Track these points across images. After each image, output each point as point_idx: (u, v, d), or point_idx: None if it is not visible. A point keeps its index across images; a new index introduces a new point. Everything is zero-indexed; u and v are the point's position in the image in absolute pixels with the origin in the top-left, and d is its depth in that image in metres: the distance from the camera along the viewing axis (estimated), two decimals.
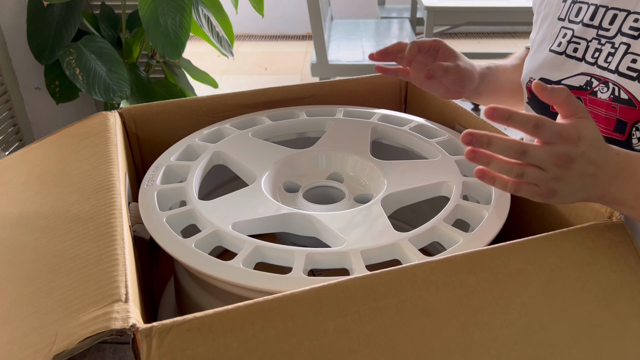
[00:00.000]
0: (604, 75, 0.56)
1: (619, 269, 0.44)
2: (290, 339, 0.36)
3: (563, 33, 0.62)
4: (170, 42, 1.22)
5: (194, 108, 0.75)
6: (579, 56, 0.59)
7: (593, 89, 0.56)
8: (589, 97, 0.57)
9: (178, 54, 1.25)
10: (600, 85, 0.55)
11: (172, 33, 1.22)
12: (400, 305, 0.39)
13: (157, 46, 1.23)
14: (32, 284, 0.43)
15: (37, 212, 0.53)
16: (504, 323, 0.40)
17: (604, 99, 0.55)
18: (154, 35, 1.22)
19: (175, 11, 1.22)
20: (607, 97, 0.55)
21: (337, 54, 2.41)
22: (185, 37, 1.24)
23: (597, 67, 0.57)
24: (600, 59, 0.56)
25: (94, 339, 0.35)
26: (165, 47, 1.22)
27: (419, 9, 2.79)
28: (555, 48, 0.62)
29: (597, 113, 0.56)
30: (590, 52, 0.58)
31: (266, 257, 0.50)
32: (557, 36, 0.63)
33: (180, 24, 1.22)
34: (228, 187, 0.74)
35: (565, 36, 0.61)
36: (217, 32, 1.38)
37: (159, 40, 1.22)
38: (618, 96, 0.54)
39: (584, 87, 0.58)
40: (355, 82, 0.82)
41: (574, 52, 0.60)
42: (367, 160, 0.65)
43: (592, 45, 0.58)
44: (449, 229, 0.52)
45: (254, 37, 4.07)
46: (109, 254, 0.43)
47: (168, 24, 1.21)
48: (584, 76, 0.58)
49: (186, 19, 1.23)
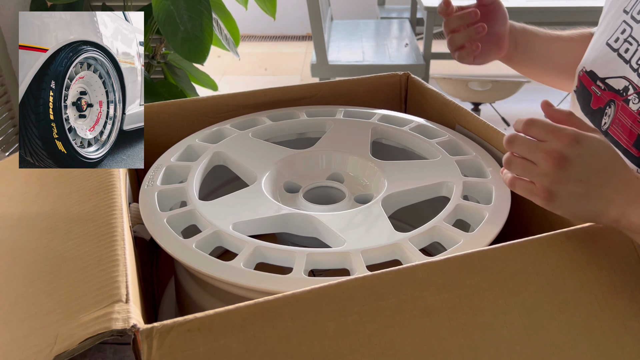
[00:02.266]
0: (638, 85, 0.53)
1: (619, 269, 0.44)
2: (291, 340, 0.36)
3: (622, 28, 0.57)
4: (194, 46, 1.22)
5: (194, 108, 0.75)
6: (627, 58, 0.55)
7: (627, 97, 0.53)
8: (622, 104, 0.54)
9: (203, 58, 1.25)
10: (633, 95, 0.53)
11: (194, 37, 1.21)
12: (401, 305, 0.39)
13: (180, 51, 1.23)
14: (32, 285, 0.43)
15: (38, 212, 0.53)
16: (504, 323, 0.40)
17: (632, 110, 0.52)
18: (173, 40, 1.21)
19: (194, 16, 1.21)
20: (637, 109, 0.52)
21: (337, 54, 2.42)
22: (209, 41, 1.24)
23: (637, 75, 0.53)
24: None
25: (94, 339, 0.35)
26: (190, 52, 1.22)
27: (419, 9, 2.79)
28: (612, 43, 0.58)
29: (624, 123, 0.54)
30: (637, 57, 0.54)
31: (267, 258, 0.50)
32: (617, 30, 0.58)
33: (202, 28, 1.22)
34: (228, 187, 0.74)
35: (624, 32, 0.56)
36: (226, 34, 1.38)
37: (182, 45, 1.22)
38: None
39: (621, 92, 0.55)
40: (355, 82, 0.82)
41: (624, 53, 0.56)
42: (368, 160, 0.65)
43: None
44: (449, 229, 0.52)
45: (254, 37, 4.07)
46: (109, 254, 0.43)
47: (189, 29, 1.21)
48: (624, 80, 0.55)
49: (206, 23, 1.23)
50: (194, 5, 1.22)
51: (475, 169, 0.63)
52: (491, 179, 0.59)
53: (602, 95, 0.57)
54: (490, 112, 2.50)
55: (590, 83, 0.59)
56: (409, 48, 2.55)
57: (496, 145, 0.65)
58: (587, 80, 0.59)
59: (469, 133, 0.70)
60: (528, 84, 2.31)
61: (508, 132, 0.61)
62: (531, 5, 2.27)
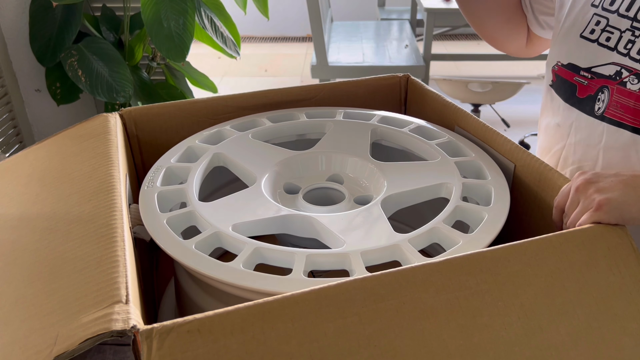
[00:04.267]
0: (636, 67, 0.56)
1: (618, 271, 0.44)
2: (291, 341, 0.37)
3: (596, 20, 0.60)
4: (174, 45, 1.23)
5: (194, 110, 0.75)
6: (611, 45, 0.58)
7: (622, 79, 0.56)
8: (617, 87, 0.57)
9: (182, 56, 1.25)
10: (630, 77, 0.56)
11: (175, 36, 1.22)
12: (400, 307, 0.39)
13: (161, 49, 1.23)
14: (32, 286, 0.43)
15: (38, 213, 0.53)
16: (503, 325, 0.40)
17: (633, 90, 0.55)
18: (157, 38, 1.22)
19: (178, 14, 1.22)
20: (638, 88, 0.55)
21: (337, 55, 2.42)
22: (189, 40, 1.24)
23: (629, 58, 0.56)
24: (633, 51, 0.56)
25: (94, 340, 0.35)
26: (170, 50, 1.23)
27: (419, 11, 2.80)
28: (587, 35, 0.61)
29: (626, 104, 0.57)
30: (623, 43, 0.57)
31: (266, 259, 0.50)
32: (589, 23, 0.61)
33: (184, 26, 1.22)
34: (228, 188, 0.74)
35: (599, 24, 0.60)
36: (222, 32, 1.38)
37: (163, 43, 1.22)
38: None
39: (612, 77, 0.58)
40: (355, 83, 0.82)
41: (606, 41, 0.59)
42: (367, 161, 0.65)
43: (625, 36, 0.57)
44: (448, 230, 0.52)
45: (254, 38, 4.07)
46: (109, 255, 0.44)
47: (172, 27, 1.21)
48: (614, 66, 0.58)
49: (189, 21, 1.23)
50: (179, 4, 1.22)
51: (475, 170, 0.63)
52: (490, 181, 0.59)
53: (590, 83, 0.60)
54: (490, 113, 2.51)
55: (572, 75, 0.62)
56: (408, 49, 2.56)
57: (495, 146, 0.65)
58: (567, 73, 0.63)
59: (468, 134, 0.70)
60: (528, 86, 2.31)
61: (504, 132, 0.63)
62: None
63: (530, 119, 2.73)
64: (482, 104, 2.24)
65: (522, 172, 0.60)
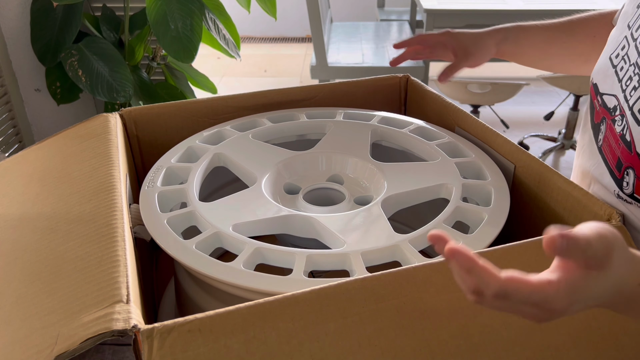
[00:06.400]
0: (624, 107, 0.51)
1: None
2: (291, 341, 0.37)
3: (623, 44, 0.54)
4: (182, 46, 1.23)
5: (194, 110, 0.75)
6: (620, 77, 0.53)
7: (614, 117, 0.51)
8: (609, 123, 0.52)
9: (191, 58, 1.25)
10: (618, 117, 0.51)
11: (183, 37, 1.22)
12: (401, 307, 0.39)
13: (168, 50, 1.23)
14: (33, 285, 0.43)
15: (38, 213, 0.53)
16: (504, 325, 0.40)
17: (617, 131, 0.51)
18: (164, 39, 1.22)
19: (185, 15, 1.22)
20: (619, 131, 0.51)
21: (337, 56, 2.42)
22: (198, 41, 1.24)
23: (623, 96, 0.51)
24: (628, 90, 0.51)
25: (95, 339, 0.35)
26: (178, 52, 1.23)
27: (418, 12, 2.80)
28: (613, 58, 0.55)
29: (610, 142, 0.52)
30: (626, 78, 0.52)
31: (267, 259, 0.50)
32: (619, 45, 0.55)
33: (192, 27, 1.22)
34: (228, 188, 0.74)
35: (624, 49, 0.53)
36: (224, 34, 1.38)
37: (170, 44, 1.22)
38: (624, 135, 0.50)
39: (610, 111, 0.53)
40: (355, 84, 0.83)
41: (620, 71, 0.53)
42: (367, 162, 0.65)
43: (629, 71, 0.51)
44: (448, 230, 0.52)
45: (254, 39, 4.07)
46: (110, 255, 0.44)
47: (179, 28, 1.21)
48: (614, 99, 0.53)
49: (196, 22, 1.23)
50: (186, 5, 1.22)
51: (475, 171, 0.63)
52: (490, 181, 0.59)
53: (599, 110, 0.56)
54: (489, 114, 2.51)
55: (594, 96, 0.57)
56: None
57: (495, 147, 0.65)
58: (592, 92, 0.58)
59: (468, 135, 0.70)
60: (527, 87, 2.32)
61: (504, 133, 0.61)
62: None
63: (530, 120, 2.73)
64: (482, 105, 2.24)
65: (522, 173, 0.60)
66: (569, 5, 2.28)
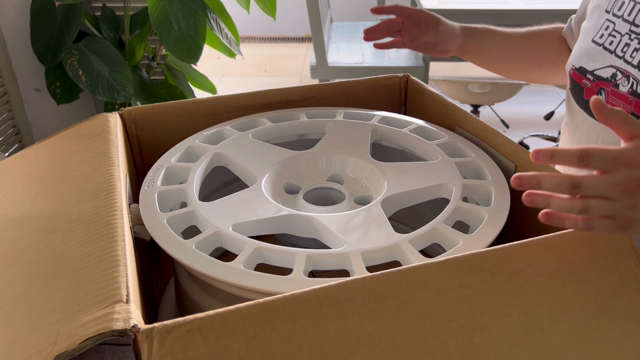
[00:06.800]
0: (627, 69, 0.58)
1: (617, 271, 0.44)
2: (291, 340, 0.37)
3: (606, 25, 0.63)
4: (186, 46, 1.22)
5: (194, 110, 0.75)
6: (612, 49, 0.61)
7: (616, 82, 0.59)
8: (612, 89, 0.59)
9: (195, 58, 1.25)
10: (622, 79, 0.58)
11: (187, 37, 1.22)
12: (401, 306, 0.39)
13: (172, 51, 1.23)
14: (33, 285, 0.43)
15: (38, 213, 0.53)
16: (504, 325, 0.40)
17: (623, 92, 0.57)
18: (167, 39, 1.22)
19: (189, 15, 1.22)
20: (627, 90, 0.57)
21: (337, 55, 2.42)
22: (202, 41, 1.24)
23: (624, 61, 0.59)
24: (627, 54, 0.59)
25: (95, 339, 0.35)
26: (182, 52, 1.22)
27: None
28: (597, 39, 0.64)
29: (616, 104, 0.59)
30: (621, 46, 0.60)
31: (267, 259, 0.50)
32: (601, 28, 0.64)
33: (195, 27, 1.22)
34: (228, 188, 0.74)
35: (607, 29, 0.63)
36: (226, 33, 1.38)
37: (175, 44, 1.22)
38: (635, 90, 0.56)
39: (609, 79, 0.60)
40: (355, 83, 0.83)
41: (609, 45, 0.62)
42: (367, 162, 0.65)
43: (623, 40, 0.60)
44: (449, 230, 0.52)
45: (254, 39, 4.07)
46: (110, 255, 0.44)
47: (182, 28, 1.21)
48: (611, 68, 0.60)
49: (200, 22, 1.23)
50: (189, 5, 1.22)
51: (475, 170, 0.63)
52: (490, 181, 0.59)
53: (592, 85, 0.63)
54: (489, 114, 2.51)
55: (581, 77, 0.65)
56: (408, 50, 2.56)
57: (496, 147, 0.65)
58: (578, 76, 0.65)
59: (468, 135, 0.70)
60: (527, 87, 2.32)
61: (504, 133, 0.63)
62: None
63: (530, 120, 2.73)
64: (482, 105, 2.24)
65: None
66: (568, 5, 2.28)
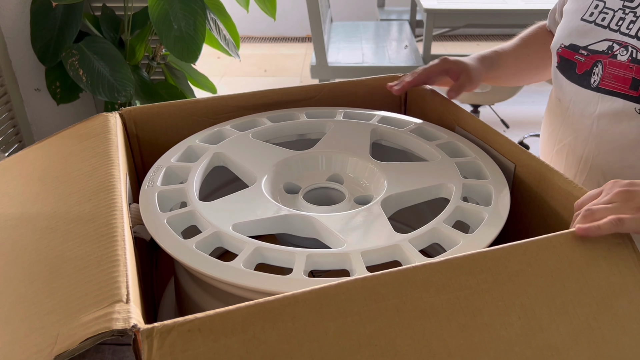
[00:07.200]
0: (625, 40, 0.63)
1: (618, 271, 0.44)
2: (291, 340, 0.37)
3: (595, 4, 0.68)
4: (186, 46, 1.22)
5: (194, 109, 0.75)
6: (605, 24, 0.66)
7: (614, 53, 0.64)
8: (609, 60, 0.64)
9: (195, 57, 1.25)
10: (620, 49, 0.63)
11: (187, 37, 1.22)
12: (401, 306, 0.39)
13: (172, 50, 1.23)
14: (33, 285, 0.43)
15: (38, 213, 0.53)
16: (504, 325, 0.40)
17: (622, 61, 0.63)
18: (167, 39, 1.22)
19: (188, 15, 1.22)
20: (626, 59, 0.62)
21: (337, 55, 2.42)
22: (202, 41, 1.24)
23: (620, 33, 0.64)
24: (623, 27, 0.64)
25: (95, 339, 0.35)
26: (182, 51, 1.22)
27: (419, 11, 2.80)
28: (587, 17, 0.69)
29: (616, 74, 0.63)
30: (615, 21, 0.65)
31: (267, 258, 0.50)
32: (589, 7, 0.69)
33: (195, 27, 1.22)
34: (228, 188, 0.74)
35: (597, 7, 0.68)
36: (224, 34, 1.38)
37: (174, 44, 1.22)
38: (635, 57, 0.61)
39: (605, 52, 0.65)
40: (355, 83, 0.83)
41: (601, 21, 0.67)
42: (367, 161, 0.65)
43: (617, 15, 0.65)
44: (449, 230, 0.52)
45: (254, 39, 4.07)
46: (109, 254, 0.44)
47: (182, 28, 1.21)
48: (606, 42, 0.65)
49: (200, 22, 1.23)
50: (189, 4, 1.22)
51: (475, 170, 0.63)
52: (490, 181, 0.59)
53: (586, 60, 0.67)
54: (489, 114, 2.51)
55: (572, 54, 0.69)
56: (408, 50, 2.56)
57: (496, 147, 0.65)
58: (568, 53, 0.70)
59: (468, 135, 0.70)
60: (527, 87, 2.32)
61: (504, 132, 0.64)
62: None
63: (530, 120, 2.73)
64: (482, 105, 2.24)
65: (523, 173, 0.60)
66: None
